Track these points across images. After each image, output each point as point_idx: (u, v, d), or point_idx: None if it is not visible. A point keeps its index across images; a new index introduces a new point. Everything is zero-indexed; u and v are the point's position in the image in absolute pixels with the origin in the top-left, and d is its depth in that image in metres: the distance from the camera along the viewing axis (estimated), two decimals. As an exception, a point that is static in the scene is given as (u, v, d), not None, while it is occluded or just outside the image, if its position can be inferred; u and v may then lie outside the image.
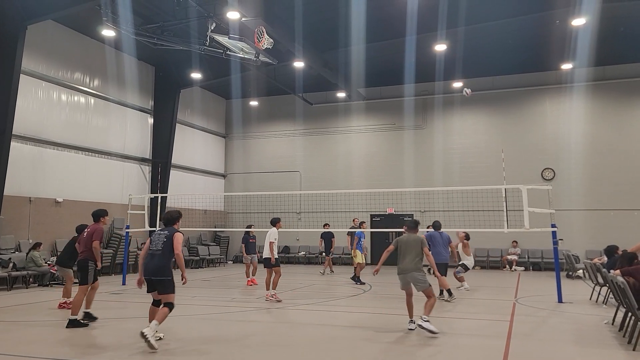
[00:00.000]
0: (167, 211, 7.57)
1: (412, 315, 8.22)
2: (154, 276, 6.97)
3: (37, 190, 15.85)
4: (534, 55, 19.69)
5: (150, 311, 7.19)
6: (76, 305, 8.24)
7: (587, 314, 9.68)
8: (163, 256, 7.00)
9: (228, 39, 13.62)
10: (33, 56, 15.75)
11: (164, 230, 7.24)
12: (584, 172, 20.44)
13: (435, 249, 11.56)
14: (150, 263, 7.02)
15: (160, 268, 6.95)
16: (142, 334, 6.49)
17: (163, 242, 7.05)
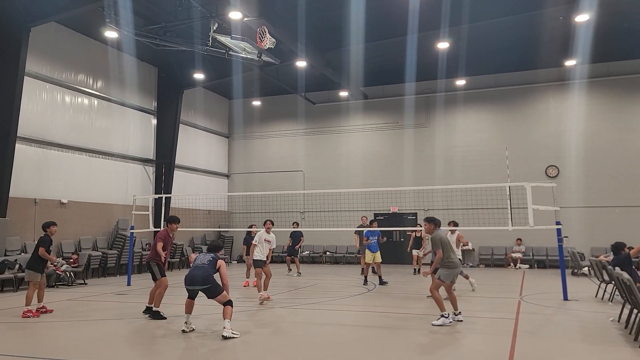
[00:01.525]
0: (213, 240, 8.58)
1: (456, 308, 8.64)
2: (201, 285, 7.70)
3: (42, 191, 15.90)
4: (537, 52, 19.61)
5: (187, 304, 7.92)
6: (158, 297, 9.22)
7: (593, 312, 9.66)
8: (208, 269, 7.81)
9: (230, 39, 13.64)
10: (37, 58, 15.80)
11: (209, 252, 8.22)
12: (588, 169, 20.37)
13: None
14: (195, 272, 7.78)
15: (206, 277, 7.72)
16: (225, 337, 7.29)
17: (209, 261, 7.92)
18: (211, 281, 7.70)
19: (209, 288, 7.66)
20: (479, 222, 16.43)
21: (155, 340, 7.50)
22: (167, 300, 9.72)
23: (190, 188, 22.32)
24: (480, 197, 16.45)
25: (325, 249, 23.25)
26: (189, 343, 7.30)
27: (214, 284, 7.71)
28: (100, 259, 16.55)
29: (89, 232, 17.35)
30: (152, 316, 9.14)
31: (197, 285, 7.69)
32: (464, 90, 22.16)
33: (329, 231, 21.33)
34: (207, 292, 7.70)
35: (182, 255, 20.64)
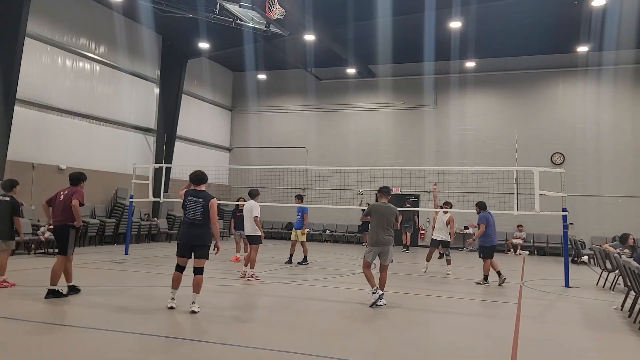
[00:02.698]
0: (195, 171, 7.50)
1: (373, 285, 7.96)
2: (195, 242, 7.12)
3: (41, 156, 15.68)
4: (549, 37, 19.18)
5: (175, 277, 7.23)
6: (56, 274, 7.74)
7: (594, 299, 9.55)
8: (204, 225, 7.16)
9: (239, 7, 13.25)
10: (38, 19, 15.42)
11: (198, 197, 7.22)
12: (594, 158, 20.13)
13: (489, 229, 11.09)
14: (189, 231, 7.16)
15: (202, 235, 7.16)
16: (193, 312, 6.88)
17: (201, 212, 7.13)
18: (207, 240, 7.18)
19: (201, 247, 7.12)
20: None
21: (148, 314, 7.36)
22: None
23: (191, 159, 22.05)
24: (486, 181, 16.23)
25: (325, 227, 23.14)
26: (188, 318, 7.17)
27: (208, 245, 7.20)
28: (98, 227, 16.41)
29: (88, 199, 16.84)
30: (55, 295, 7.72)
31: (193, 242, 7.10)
32: (473, 72, 21.79)
33: (329, 209, 21.19)
34: (197, 250, 7.12)
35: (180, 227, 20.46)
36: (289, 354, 5.29)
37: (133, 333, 6.00)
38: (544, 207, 11.61)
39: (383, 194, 8.17)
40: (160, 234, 19.51)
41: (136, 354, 5.26)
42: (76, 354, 5.19)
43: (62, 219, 7.96)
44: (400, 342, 6.07)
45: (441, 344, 6.10)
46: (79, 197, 8.06)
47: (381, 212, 7.97)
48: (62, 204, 8.01)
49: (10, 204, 8.79)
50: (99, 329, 6.06)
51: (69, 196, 8.03)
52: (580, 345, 6.23)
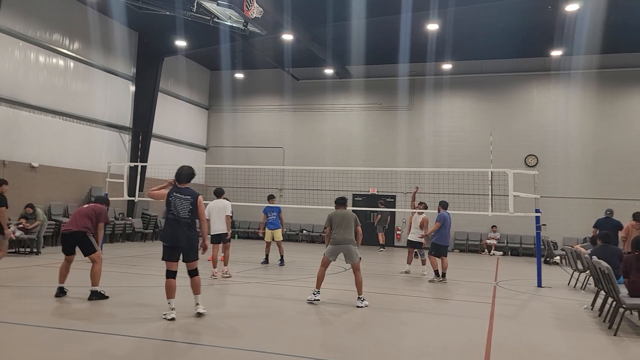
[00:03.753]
0: (182, 166, 7.16)
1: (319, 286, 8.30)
2: (188, 244, 6.80)
3: (12, 153, 15.31)
4: (525, 41, 19.54)
5: (169, 286, 6.73)
6: (96, 275, 7.81)
7: (566, 299, 9.76)
8: (192, 225, 6.87)
9: (216, 5, 13.14)
10: (10, 13, 15.05)
11: (185, 194, 6.86)
12: (567, 161, 20.59)
13: (445, 231, 11.44)
14: (177, 231, 6.75)
15: (191, 237, 6.85)
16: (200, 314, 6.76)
17: (190, 210, 6.81)
18: (195, 242, 6.89)
19: (193, 249, 6.85)
20: (458, 206, 16.45)
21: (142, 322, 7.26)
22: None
23: (167, 158, 21.81)
24: (460, 183, 16.46)
25: (301, 227, 23.12)
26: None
27: (197, 247, 6.93)
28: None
29: (60, 197, 16.84)
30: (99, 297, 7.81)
31: (183, 244, 6.76)
32: (450, 74, 22.05)
33: (306, 209, 21.19)
34: (186, 254, 6.82)
35: (155, 227, 20.25)
36: (267, 355, 5.27)
37: (128, 336, 5.90)
38: (518, 208, 11.82)
39: (340, 205, 8.64)
40: (135, 234, 19.25)
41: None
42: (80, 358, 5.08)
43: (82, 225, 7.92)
44: (374, 341, 6.11)
45: (415, 343, 6.16)
46: (106, 218, 8.25)
47: (340, 216, 8.39)
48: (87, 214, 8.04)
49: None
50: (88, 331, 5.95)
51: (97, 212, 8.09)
52: (552, 344, 6.36)
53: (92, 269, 7.83)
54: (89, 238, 7.89)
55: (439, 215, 11.54)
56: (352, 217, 8.42)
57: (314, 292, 8.23)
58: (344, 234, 8.26)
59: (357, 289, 8.21)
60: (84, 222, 7.94)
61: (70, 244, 7.98)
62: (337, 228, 8.30)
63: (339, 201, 8.70)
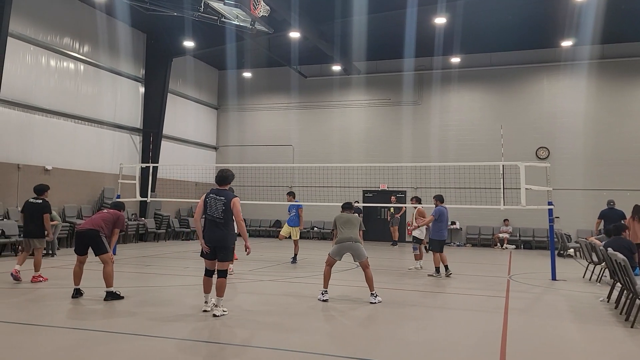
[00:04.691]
0: (221, 169, 7.23)
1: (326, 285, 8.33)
2: (217, 244, 6.92)
3: (26, 157, 15.49)
4: (534, 32, 19.38)
5: (205, 282, 7.06)
6: (109, 276, 7.89)
7: (581, 292, 9.69)
8: (226, 225, 6.92)
9: (223, 5, 13.18)
10: (20, 18, 15.21)
11: (220, 195, 6.95)
12: (579, 152, 20.40)
13: (441, 225, 11.37)
14: (213, 232, 6.91)
15: (224, 237, 6.91)
16: (216, 315, 6.79)
17: (223, 210, 6.86)
18: (230, 243, 6.95)
19: (224, 249, 6.91)
20: (470, 201, 16.41)
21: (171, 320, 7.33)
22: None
23: (178, 159, 21.96)
24: (472, 177, 16.38)
25: (312, 224, 23.15)
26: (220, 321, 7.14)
27: (231, 248, 6.99)
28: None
29: (74, 200, 17.01)
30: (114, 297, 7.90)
31: (216, 243, 6.89)
32: (459, 68, 21.93)
33: (316, 207, 21.19)
34: (220, 253, 6.91)
35: (168, 227, 20.40)
36: (280, 352, 5.31)
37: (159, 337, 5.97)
38: (530, 201, 11.74)
39: (346, 209, 8.83)
40: (148, 234, 19.39)
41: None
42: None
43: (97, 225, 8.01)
44: (387, 337, 6.12)
45: (429, 339, 6.15)
46: (122, 224, 8.39)
47: (344, 218, 8.57)
48: (103, 217, 8.17)
49: (42, 206, 9.47)
50: (106, 331, 6.02)
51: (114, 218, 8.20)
52: (568, 338, 6.33)
53: (104, 270, 7.93)
54: (101, 238, 7.98)
55: (435, 211, 11.42)
56: (356, 219, 8.60)
57: (322, 291, 8.25)
58: (349, 233, 8.34)
59: (369, 285, 8.19)
60: (99, 223, 8.06)
61: (83, 243, 8.09)
62: (343, 227, 8.44)
63: (345, 205, 8.93)
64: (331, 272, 8.46)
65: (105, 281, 7.89)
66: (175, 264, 12.87)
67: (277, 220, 23.51)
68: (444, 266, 11.35)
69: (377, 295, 8.11)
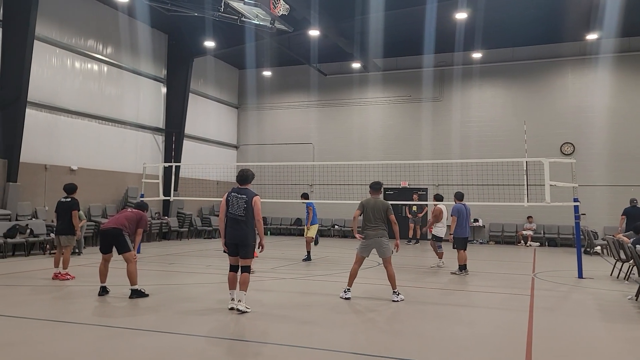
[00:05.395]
0: (242, 169, 7.44)
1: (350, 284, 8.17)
2: (238, 241, 7.10)
3: (53, 157, 15.81)
4: (557, 26, 19.02)
5: (230, 278, 7.22)
6: (132, 274, 8.02)
7: (609, 290, 9.51)
8: (247, 223, 7.08)
9: (243, 5, 13.26)
10: (46, 22, 15.52)
11: (241, 193, 7.15)
12: (605, 147, 19.98)
13: (462, 223, 11.24)
14: (234, 229, 7.10)
15: (245, 235, 7.09)
16: (239, 310, 6.93)
17: (244, 208, 7.06)
18: (251, 240, 7.11)
19: (245, 247, 7.09)
20: (493, 198, 16.20)
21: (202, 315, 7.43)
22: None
23: (199, 158, 22.18)
24: (494, 173, 16.18)
25: (333, 222, 23.16)
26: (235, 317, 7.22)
27: (252, 245, 7.15)
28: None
29: (99, 199, 17.30)
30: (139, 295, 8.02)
31: (238, 241, 7.08)
32: (480, 63, 21.67)
33: (337, 204, 21.18)
34: (242, 250, 7.10)
35: (190, 225, 20.63)
36: (303, 349, 5.33)
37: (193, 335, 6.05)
38: (555, 197, 11.56)
39: (375, 190, 8.34)
40: (171, 232, 19.63)
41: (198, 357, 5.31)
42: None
43: (120, 223, 8.14)
44: (411, 335, 6.10)
45: (453, 337, 6.10)
46: (145, 225, 8.52)
47: (371, 205, 8.12)
48: (127, 216, 8.30)
49: (71, 204, 9.85)
50: (145, 330, 6.13)
51: (137, 217, 8.31)
52: (595, 336, 6.23)
53: (128, 268, 8.06)
54: (124, 237, 8.11)
55: (453, 209, 11.30)
56: (383, 206, 8.13)
57: (345, 289, 8.14)
58: (376, 227, 8.06)
59: (391, 283, 8.10)
60: (122, 222, 8.19)
61: (107, 242, 8.24)
62: (368, 220, 8.08)
63: (374, 186, 8.35)
64: (358, 270, 8.28)
65: (129, 279, 8.02)
66: (198, 262, 13.00)
67: (297, 218, 23.57)
68: (459, 265, 11.22)
69: (399, 293, 8.06)
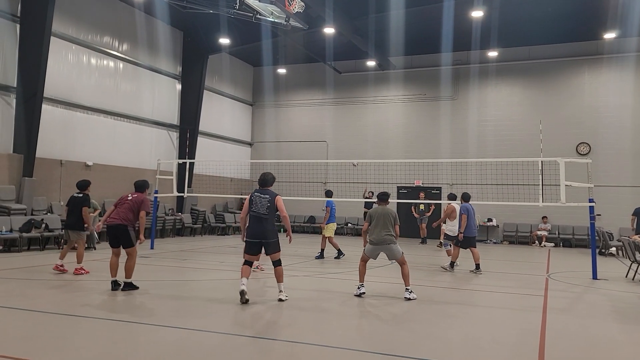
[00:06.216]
0: (263, 173, 7.84)
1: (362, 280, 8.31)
2: (264, 239, 7.46)
3: (68, 153, 16.00)
4: (574, 24, 18.80)
5: (244, 270, 7.49)
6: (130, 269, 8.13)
7: (624, 291, 9.39)
8: (270, 221, 7.51)
9: (258, 2, 13.33)
10: (63, 18, 15.70)
11: (264, 193, 7.59)
12: (622, 148, 19.71)
13: (470, 222, 11.32)
14: (258, 227, 7.48)
15: (270, 232, 7.49)
16: (281, 300, 7.41)
17: (267, 207, 7.48)
18: (275, 236, 7.51)
19: (270, 243, 7.47)
20: (507, 197, 16.08)
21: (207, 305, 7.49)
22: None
23: (213, 155, 22.30)
24: (510, 173, 16.05)
25: (346, 220, 23.15)
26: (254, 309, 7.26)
27: (276, 240, 7.53)
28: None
29: (113, 194, 17.40)
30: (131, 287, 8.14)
31: (262, 238, 7.44)
32: (496, 62, 21.50)
33: (350, 203, 21.18)
34: (268, 248, 7.48)
35: (204, 221, 20.75)
36: (315, 347, 5.33)
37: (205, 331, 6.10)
38: (570, 198, 11.43)
39: (382, 201, 8.61)
40: (184, 229, 19.76)
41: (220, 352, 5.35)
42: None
43: (124, 218, 8.23)
44: (423, 334, 6.07)
45: (466, 336, 6.06)
46: (147, 207, 8.49)
47: (379, 213, 8.36)
48: (130, 207, 8.36)
49: (82, 200, 9.89)
50: (167, 325, 6.18)
51: (138, 202, 8.41)
52: (609, 338, 6.15)
53: (127, 262, 8.17)
54: (129, 232, 8.22)
55: (462, 208, 11.41)
56: (390, 215, 8.35)
57: (358, 286, 8.26)
58: (382, 233, 8.19)
59: (404, 280, 8.19)
60: (126, 215, 8.27)
61: (114, 236, 8.34)
62: (375, 227, 8.27)
63: (382, 197, 8.68)
64: (366, 267, 8.46)
65: (125, 272, 8.15)
66: (211, 258, 13.08)
67: (311, 216, 23.59)
68: (476, 264, 11.20)
69: (412, 291, 8.07)
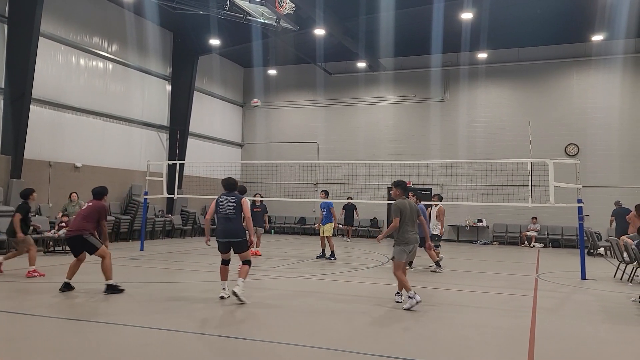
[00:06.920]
0: (227, 178, 8.00)
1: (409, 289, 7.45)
2: (232, 238, 7.70)
3: (57, 154, 15.87)
4: (563, 27, 18.97)
5: (222, 270, 7.83)
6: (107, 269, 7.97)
7: (612, 291, 9.47)
8: (237, 220, 7.73)
9: (249, 3, 13.32)
10: (51, 18, 15.57)
11: (230, 196, 7.79)
12: (609, 148, 19.91)
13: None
14: (226, 226, 7.70)
15: (237, 231, 7.72)
16: (234, 292, 7.35)
17: (234, 207, 7.71)
18: (242, 235, 7.72)
19: (239, 242, 7.69)
20: (497, 198, 16.18)
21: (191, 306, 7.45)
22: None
23: (204, 156, 22.21)
24: (499, 174, 16.15)
25: (338, 221, 23.12)
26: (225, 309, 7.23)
27: (244, 239, 7.74)
28: (113, 224, 16.59)
29: (103, 196, 17.32)
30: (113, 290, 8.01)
31: (230, 237, 7.66)
32: (486, 64, 21.64)
33: (342, 204, 21.17)
34: (236, 246, 7.71)
35: (194, 223, 20.66)
36: (317, 350, 5.33)
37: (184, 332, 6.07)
38: (559, 198, 11.52)
39: (403, 190, 7.80)
40: (174, 230, 19.67)
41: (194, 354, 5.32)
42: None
43: (79, 228, 8.06)
44: (412, 335, 6.08)
45: (455, 337, 6.09)
46: (104, 216, 8.38)
47: (408, 208, 7.64)
48: (85, 216, 8.21)
49: (17, 207, 9.87)
50: (143, 327, 6.14)
51: (95, 211, 8.26)
52: (598, 338, 6.20)
53: (102, 264, 8.02)
54: (87, 240, 8.04)
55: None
56: (416, 208, 7.82)
57: (409, 295, 7.34)
58: (414, 232, 7.60)
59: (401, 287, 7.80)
60: (81, 225, 8.08)
61: (74, 247, 8.22)
62: (406, 225, 7.49)
63: (401, 185, 7.71)
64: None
65: (104, 274, 8.00)
66: (201, 260, 13.03)
67: (301, 217, 23.57)
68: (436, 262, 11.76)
69: (410, 295, 7.50)
